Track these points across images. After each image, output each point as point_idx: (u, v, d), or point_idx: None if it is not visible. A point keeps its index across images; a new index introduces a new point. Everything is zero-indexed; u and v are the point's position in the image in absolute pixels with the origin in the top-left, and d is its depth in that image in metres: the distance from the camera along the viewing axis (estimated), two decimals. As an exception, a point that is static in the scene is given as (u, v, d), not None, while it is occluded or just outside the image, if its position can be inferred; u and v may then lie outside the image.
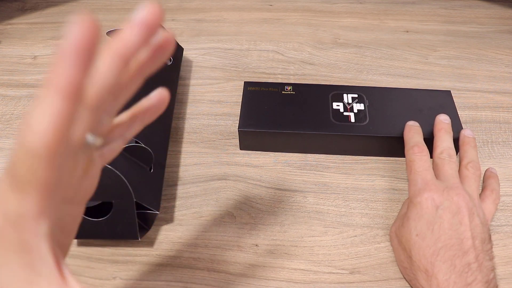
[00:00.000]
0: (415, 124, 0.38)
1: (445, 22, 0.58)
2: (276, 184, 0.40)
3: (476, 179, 0.34)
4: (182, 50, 0.51)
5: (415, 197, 0.32)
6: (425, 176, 0.33)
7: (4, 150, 0.44)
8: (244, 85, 0.44)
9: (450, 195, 0.31)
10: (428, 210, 0.31)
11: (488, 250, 0.30)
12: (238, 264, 0.34)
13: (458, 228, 0.29)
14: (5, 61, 0.54)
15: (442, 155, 0.35)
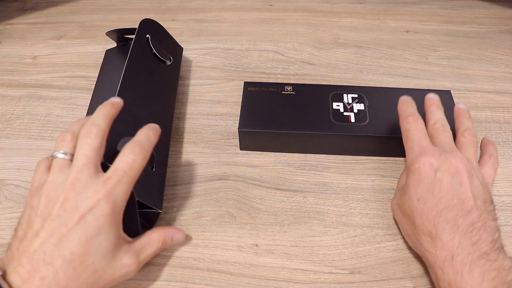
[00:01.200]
0: (408, 98, 0.38)
1: (445, 22, 0.58)
2: (276, 184, 0.40)
3: (473, 145, 0.34)
4: (182, 50, 0.51)
5: (413, 163, 0.32)
6: (421, 142, 0.32)
7: (4, 150, 0.44)
8: (244, 85, 0.44)
9: (448, 158, 0.31)
10: (427, 174, 0.30)
11: (491, 211, 0.30)
12: (238, 264, 0.34)
13: (458, 189, 0.29)
14: (5, 61, 0.54)
15: (435, 125, 0.34)
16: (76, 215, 0.26)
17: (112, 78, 0.44)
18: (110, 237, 0.27)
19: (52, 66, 0.53)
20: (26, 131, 0.45)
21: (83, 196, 0.27)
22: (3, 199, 0.39)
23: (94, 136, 0.28)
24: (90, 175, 0.28)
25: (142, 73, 0.41)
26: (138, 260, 0.30)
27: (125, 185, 0.28)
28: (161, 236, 0.32)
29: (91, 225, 0.26)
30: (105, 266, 0.27)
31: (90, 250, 0.27)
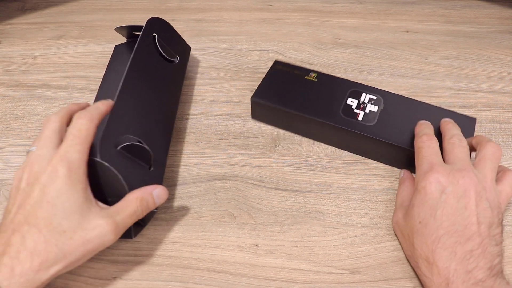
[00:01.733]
0: (426, 122, 0.38)
1: (445, 22, 0.58)
2: (276, 184, 0.40)
3: (493, 160, 0.32)
4: (190, 49, 0.51)
5: (420, 181, 0.31)
6: (431, 159, 0.32)
7: (4, 150, 0.44)
8: (274, 63, 0.47)
9: (456, 177, 0.30)
10: (432, 195, 0.30)
11: (496, 235, 0.29)
12: (238, 264, 0.34)
13: (462, 213, 0.28)
14: (5, 61, 0.54)
15: (452, 139, 0.33)
16: (37, 184, 0.28)
17: (118, 74, 0.44)
18: (73, 197, 0.28)
19: (52, 66, 0.53)
20: (26, 131, 0.45)
21: (41, 166, 0.29)
22: (3, 199, 0.39)
23: (52, 121, 0.31)
24: (47, 150, 0.29)
25: (145, 72, 0.41)
26: (113, 220, 0.29)
27: (77, 146, 0.29)
28: (138, 195, 0.31)
29: (51, 188, 0.27)
30: (74, 226, 0.27)
31: (53, 211, 0.27)
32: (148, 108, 0.39)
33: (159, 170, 0.37)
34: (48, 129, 0.31)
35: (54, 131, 0.31)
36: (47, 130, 0.31)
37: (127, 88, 0.37)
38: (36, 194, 0.27)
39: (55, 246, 0.27)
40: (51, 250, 0.26)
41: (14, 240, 0.26)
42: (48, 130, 0.31)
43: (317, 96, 0.43)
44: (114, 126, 0.34)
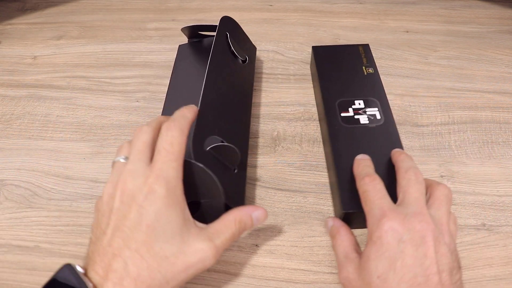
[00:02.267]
0: (364, 158, 0.35)
1: (445, 22, 0.58)
2: (276, 184, 0.40)
3: (447, 201, 0.30)
4: (255, 49, 0.51)
5: (374, 231, 0.28)
6: (381, 204, 0.29)
7: (4, 150, 0.44)
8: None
9: (413, 223, 0.27)
10: (389, 246, 0.27)
11: (457, 281, 0.27)
12: (238, 264, 0.34)
13: (423, 262, 0.26)
14: (5, 61, 0.54)
15: (407, 174, 0.31)
16: (134, 205, 0.26)
17: (188, 75, 0.44)
18: (173, 219, 0.26)
19: (52, 66, 0.53)
20: (26, 131, 0.45)
21: (135, 184, 0.27)
22: (3, 199, 0.39)
23: (143, 132, 0.29)
24: (141, 165, 0.28)
25: (222, 72, 0.40)
26: (214, 244, 0.27)
27: (172, 163, 0.27)
28: (237, 216, 0.30)
29: (149, 210, 0.26)
30: (176, 251, 0.26)
31: (154, 235, 0.25)
32: (228, 109, 0.39)
33: (243, 172, 0.37)
34: (140, 141, 0.29)
35: (146, 143, 0.29)
36: (138, 142, 0.29)
37: (208, 89, 0.36)
38: (133, 216, 0.26)
39: (159, 273, 0.25)
40: (155, 277, 0.25)
41: (116, 266, 0.25)
42: (140, 142, 0.29)
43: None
44: (202, 127, 0.33)
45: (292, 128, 0.45)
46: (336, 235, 0.33)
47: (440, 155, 0.42)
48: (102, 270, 0.25)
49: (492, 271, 0.34)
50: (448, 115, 0.46)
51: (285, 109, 0.47)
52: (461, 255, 0.35)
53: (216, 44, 0.41)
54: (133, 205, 0.26)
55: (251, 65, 0.47)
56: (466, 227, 0.36)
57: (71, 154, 0.43)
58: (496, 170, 0.40)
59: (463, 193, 0.39)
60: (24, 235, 0.37)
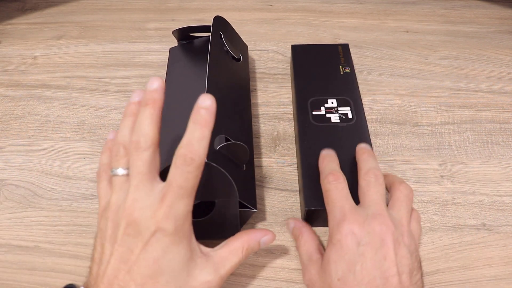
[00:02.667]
0: (329, 153, 0.34)
1: (445, 22, 0.58)
2: (276, 184, 0.40)
3: (408, 202, 0.31)
4: (247, 48, 0.51)
5: (334, 234, 0.28)
6: (343, 205, 0.29)
7: (4, 150, 0.44)
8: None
9: (372, 225, 0.27)
10: (348, 249, 0.27)
11: (417, 282, 0.27)
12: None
13: (382, 265, 0.26)
14: (5, 61, 0.54)
15: (367, 176, 0.31)
16: (140, 240, 0.25)
17: (183, 77, 0.44)
18: (179, 254, 0.26)
19: (52, 66, 0.53)
20: (26, 131, 0.45)
21: (142, 218, 0.26)
22: (3, 199, 0.39)
23: (143, 149, 0.27)
24: (146, 192, 0.26)
25: (222, 72, 0.40)
26: (219, 275, 0.27)
27: (183, 200, 0.26)
28: (245, 243, 0.29)
29: (156, 247, 0.25)
30: (181, 285, 0.26)
31: (161, 271, 0.25)
32: (231, 108, 0.39)
33: (251, 169, 0.37)
34: (140, 161, 0.26)
35: (147, 163, 0.27)
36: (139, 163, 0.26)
37: (211, 89, 0.36)
38: (139, 251, 0.25)
39: None
40: None
41: None
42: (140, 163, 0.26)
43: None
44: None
45: (292, 128, 0.45)
46: (299, 236, 0.33)
47: (440, 155, 0.42)
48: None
49: (492, 271, 0.34)
50: (448, 115, 0.46)
51: (285, 109, 0.47)
52: (461, 255, 0.35)
53: (213, 44, 0.41)
54: (139, 240, 0.25)
55: (246, 63, 0.48)
56: (466, 227, 0.36)
57: (71, 154, 0.43)
58: (496, 170, 0.40)
59: (463, 193, 0.39)
60: (24, 235, 0.37)
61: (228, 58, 0.44)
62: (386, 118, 0.45)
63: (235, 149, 0.34)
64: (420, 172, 0.40)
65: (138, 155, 0.26)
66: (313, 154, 0.36)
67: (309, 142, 0.37)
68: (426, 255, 0.35)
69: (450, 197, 0.39)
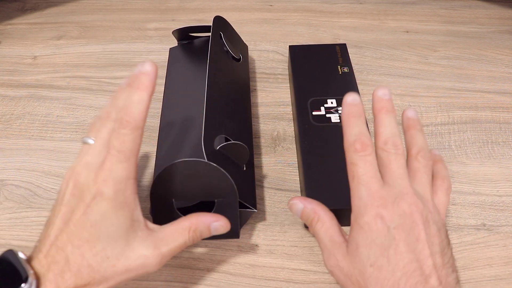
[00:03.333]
0: (355, 102, 0.28)
1: (445, 22, 0.58)
2: (276, 184, 0.40)
3: (427, 172, 0.29)
4: (247, 48, 0.51)
5: (361, 215, 0.26)
6: (370, 185, 0.27)
7: (4, 150, 0.44)
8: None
9: (401, 207, 0.26)
10: (379, 233, 0.25)
11: (449, 261, 0.26)
12: (238, 264, 0.34)
13: (416, 247, 0.25)
14: (5, 61, 0.54)
15: (387, 146, 0.28)
16: (82, 202, 0.26)
17: (183, 77, 0.44)
18: (118, 221, 0.26)
19: (52, 66, 0.53)
20: (26, 131, 0.45)
21: (86, 181, 0.26)
22: (3, 199, 0.39)
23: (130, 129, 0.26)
24: (98, 159, 0.26)
25: (222, 72, 0.40)
26: (159, 251, 0.27)
27: (121, 164, 0.26)
28: (193, 224, 0.28)
29: (95, 211, 0.25)
30: (117, 253, 0.26)
31: (97, 235, 0.25)
32: (230, 107, 0.39)
33: (251, 169, 0.37)
34: (106, 128, 0.27)
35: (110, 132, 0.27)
36: (104, 130, 0.27)
37: (211, 89, 0.36)
38: (80, 213, 0.26)
39: (97, 272, 0.25)
40: (93, 276, 0.25)
41: (59, 258, 0.25)
42: (105, 130, 0.27)
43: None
44: (210, 127, 0.33)
45: (292, 128, 0.45)
46: (315, 218, 0.29)
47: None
48: (46, 260, 0.25)
49: (492, 271, 0.34)
50: (448, 115, 0.46)
51: (285, 109, 0.47)
52: (461, 255, 0.35)
53: (213, 44, 0.41)
54: (81, 202, 0.26)
55: (246, 63, 0.48)
56: (466, 227, 0.36)
57: (71, 154, 0.43)
58: (496, 170, 0.40)
59: (463, 193, 0.39)
60: (24, 235, 0.37)
61: (228, 58, 0.44)
62: (386, 118, 0.45)
63: (235, 149, 0.34)
64: (420, 172, 0.40)
65: (122, 135, 0.26)
66: (313, 154, 0.36)
67: (310, 143, 0.37)
68: (426, 255, 0.35)
69: (450, 197, 0.39)
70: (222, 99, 0.38)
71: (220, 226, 0.29)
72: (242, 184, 0.33)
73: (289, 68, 0.48)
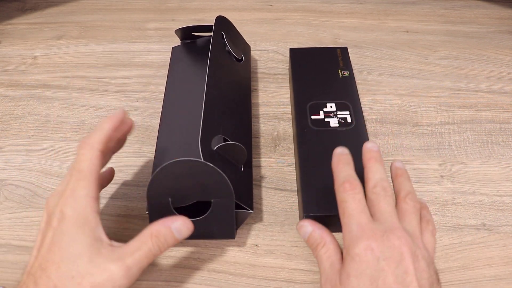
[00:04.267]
0: (344, 152, 0.32)
1: (445, 22, 0.58)
2: (276, 184, 0.40)
3: (416, 212, 0.30)
4: (250, 48, 0.51)
5: (352, 247, 0.27)
6: (360, 220, 0.28)
7: (4, 150, 0.44)
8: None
9: (391, 240, 0.27)
10: (369, 264, 0.26)
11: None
12: (238, 264, 0.34)
13: (404, 279, 0.26)
14: (5, 61, 0.54)
15: (375, 189, 0.30)
16: (49, 227, 0.27)
17: (185, 76, 0.44)
18: (79, 239, 0.27)
19: (52, 66, 0.53)
20: (26, 131, 0.45)
21: (53, 205, 0.28)
22: (3, 199, 0.39)
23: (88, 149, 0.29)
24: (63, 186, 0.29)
25: (223, 72, 0.40)
26: (123, 263, 0.27)
27: (80, 182, 0.28)
28: (153, 230, 0.28)
29: (59, 231, 0.27)
30: (82, 271, 0.26)
31: (61, 255, 0.26)
32: (230, 108, 0.39)
33: (249, 170, 0.37)
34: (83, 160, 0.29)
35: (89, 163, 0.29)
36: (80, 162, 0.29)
37: (211, 88, 0.36)
38: (48, 237, 0.27)
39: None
40: None
41: (29, 284, 0.26)
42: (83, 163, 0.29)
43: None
44: (208, 127, 0.33)
45: (292, 128, 0.45)
46: (320, 243, 0.30)
47: (440, 155, 0.42)
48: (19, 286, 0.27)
49: (492, 271, 0.34)
50: (448, 115, 0.46)
51: (285, 109, 0.47)
52: (461, 255, 0.35)
53: (214, 44, 0.41)
54: (50, 227, 0.27)
55: (247, 63, 0.47)
56: (466, 227, 0.36)
57: (71, 154, 0.43)
58: (496, 170, 0.40)
59: (463, 193, 0.39)
60: (24, 235, 0.37)
61: (230, 58, 0.44)
62: (386, 118, 0.45)
63: (232, 149, 0.34)
64: (420, 172, 0.40)
65: (80, 155, 0.29)
66: (312, 159, 0.36)
67: (308, 147, 0.37)
68: (426, 255, 0.35)
69: (450, 197, 0.39)
70: (221, 99, 0.38)
71: (181, 225, 0.29)
72: (239, 184, 0.33)
73: (289, 70, 0.48)
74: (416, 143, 0.43)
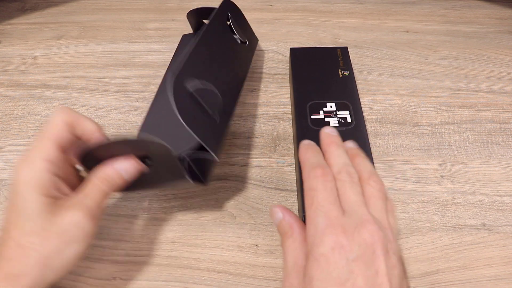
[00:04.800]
0: (311, 143, 0.30)
1: (445, 22, 0.58)
2: (276, 184, 0.40)
3: (381, 196, 0.27)
4: (257, 41, 0.51)
5: (317, 245, 0.24)
6: (330, 212, 0.25)
7: (4, 150, 0.44)
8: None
9: (362, 235, 0.24)
10: (336, 265, 0.23)
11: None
12: (238, 264, 0.34)
13: (375, 281, 0.23)
14: (5, 61, 0.54)
15: (340, 175, 0.27)
16: (12, 193, 0.28)
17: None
18: (33, 199, 0.27)
19: (52, 66, 0.53)
20: (26, 131, 0.45)
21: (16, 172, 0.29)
22: (3, 199, 0.39)
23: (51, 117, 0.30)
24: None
25: (217, 43, 0.40)
26: (83, 206, 0.28)
27: (38, 144, 0.29)
28: (98, 173, 0.29)
29: (13, 192, 0.28)
30: (45, 225, 0.27)
31: (17, 215, 0.27)
32: (220, 68, 0.38)
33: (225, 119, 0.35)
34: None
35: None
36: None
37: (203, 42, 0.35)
38: (12, 203, 0.28)
39: (34, 251, 0.26)
40: (29, 255, 0.26)
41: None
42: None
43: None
44: (189, 68, 0.32)
45: (292, 128, 0.45)
46: (288, 232, 0.28)
47: (440, 155, 0.42)
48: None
49: (492, 271, 0.34)
50: (448, 115, 0.46)
51: (285, 109, 0.47)
52: (461, 255, 0.35)
53: (215, 19, 0.40)
54: (12, 193, 0.28)
55: (251, 50, 0.47)
56: (466, 227, 0.36)
57: (71, 154, 0.43)
58: (496, 170, 0.40)
59: (463, 193, 0.39)
60: (24, 235, 0.37)
61: (230, 35, 0.43)
62: (386, 118, 0.45)
63: (207, 95, 0.33)
64: (420, 172, 0.41)
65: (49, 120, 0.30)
66: None
67: None
68: (426, 255, 0.35)
69: (450, 197, 0.39)
70: (212, 56, 0.37)
71: (126, 165, 0.29)
72: (206, 128, 0.31)
73: (289, 70, 0.48)
74: (416, 143, 0.43)
